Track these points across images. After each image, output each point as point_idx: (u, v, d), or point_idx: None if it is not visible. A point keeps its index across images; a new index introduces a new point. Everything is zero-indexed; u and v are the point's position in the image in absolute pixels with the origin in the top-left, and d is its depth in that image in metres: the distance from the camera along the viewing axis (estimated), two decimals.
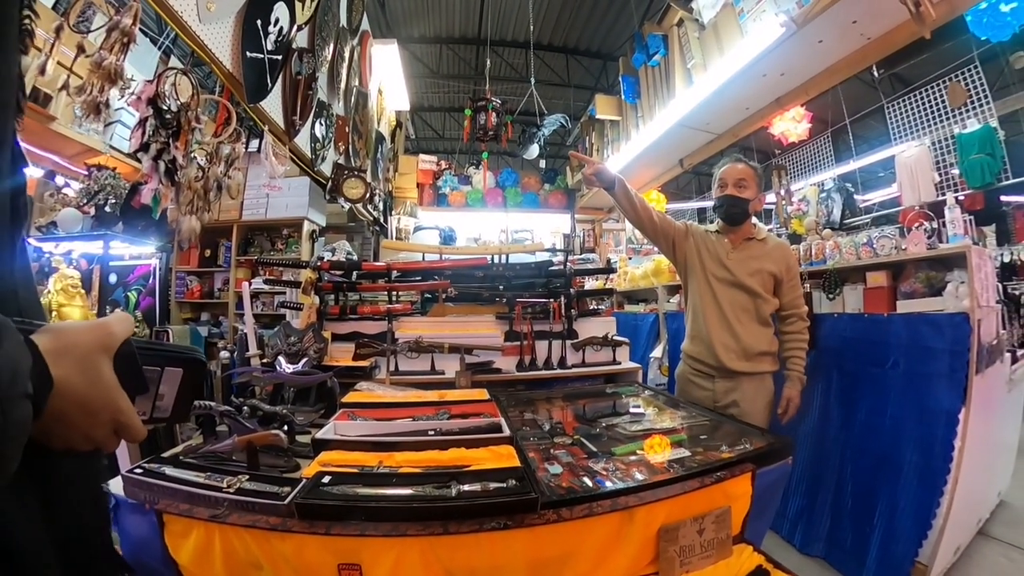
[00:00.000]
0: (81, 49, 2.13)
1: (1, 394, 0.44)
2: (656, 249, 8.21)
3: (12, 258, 0.63)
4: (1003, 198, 8.13)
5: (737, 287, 2.47)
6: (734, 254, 2.52)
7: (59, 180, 4.47)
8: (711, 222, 3.01)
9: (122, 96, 2.27)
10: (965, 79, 4.64)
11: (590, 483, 1.28)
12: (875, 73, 5.77)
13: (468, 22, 9.25)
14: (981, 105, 4.62)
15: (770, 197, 5.62)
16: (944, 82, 4.81)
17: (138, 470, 1.25)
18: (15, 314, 0.53)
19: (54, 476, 0.61)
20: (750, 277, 2.46)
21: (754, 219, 2.62)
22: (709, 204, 10.41)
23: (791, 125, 5.25)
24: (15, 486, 0.54)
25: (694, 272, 2.58)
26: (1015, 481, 3.29)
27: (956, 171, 4.86)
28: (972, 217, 2.84)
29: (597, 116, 7.08)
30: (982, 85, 4.57)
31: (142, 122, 2.28)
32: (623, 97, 6.46)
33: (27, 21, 0.64)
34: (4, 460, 0.45)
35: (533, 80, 7.14)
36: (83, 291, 4.01)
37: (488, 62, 7.25)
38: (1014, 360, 2.92)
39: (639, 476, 1.34)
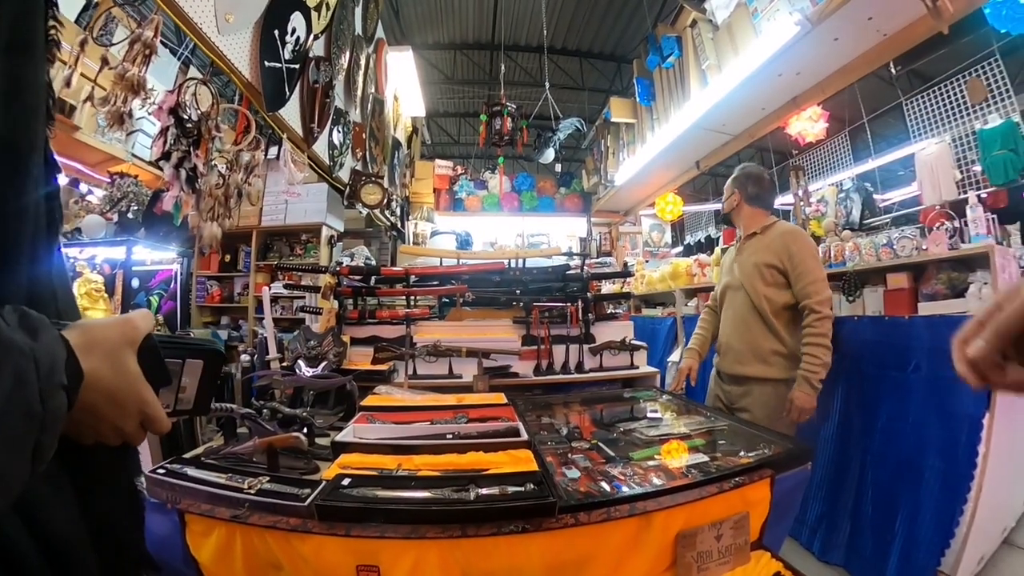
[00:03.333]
0: (105, 61, 2.18)
1: (41, 384, 0.46)
2: (673, 252, 8.19)
3: (50, 262, 0.65)
4: None
5: (737, 289, 2.56)
6: (739, 257, 2.62)
7: (83, 187, 4.57)
8: (728, 225, 3.21)
9: (144, 106, 2.32)
10: (985, 73, 4.57)
11: (608, 488, 1.28)
12: (892, 70, 5.70)
13: (482, 28, 9.29)
14: (1003, 100, 4.55)
15: (788, 198, 5.56)
16: (964, 77, 4.74)
17: (160, 470, 1.27)
18: (54, 315, 0.55)
19: (88, 467, 0.63)
20: (747, 276, 2.51)
21: (770, 216, 2.67)
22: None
23: (808, 125, 5.20)
24: (50, 475, 0.55)
25: (719, 286, 2.81)
26: None
27: (978, 168, 4.79)
28: (995, 215, 2.79)
29: (612, 119, 7.07)
30: (1003, 79, 4.50)
31: (163, 131, 2.32)
32: (638, 100, 6.44)
33: (52, 31, 0.66)
34: (42, 449, 0.47)
35: (547, 84, 7.15)
36: (106, 295, 4.08)
37: (502, 67, 7.28)
38: None
39: (657, 481, 1.33)
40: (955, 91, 4.86)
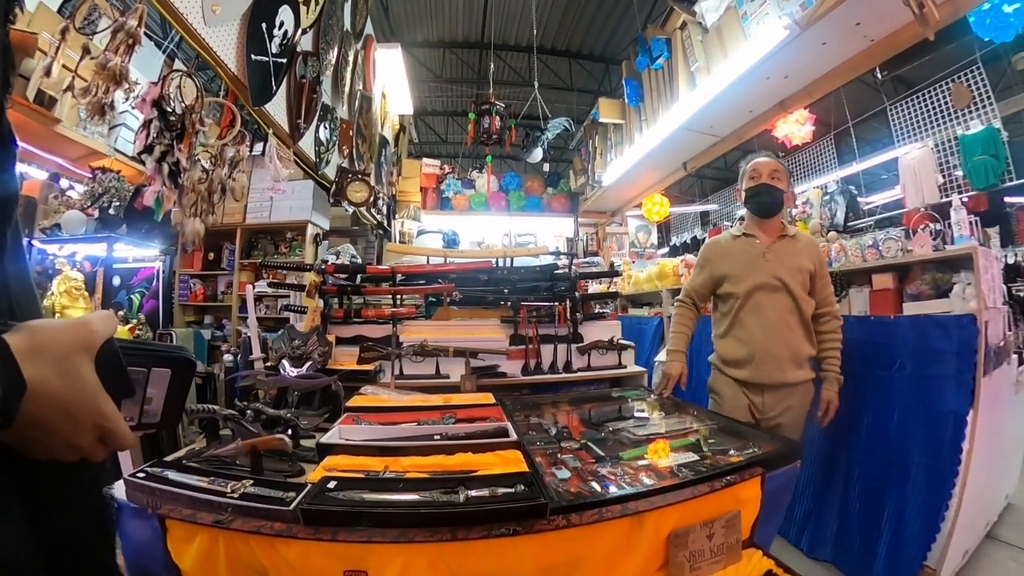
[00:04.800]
0: (86, 51, 2.13)
1: None
2: (660, 253, 8.22)
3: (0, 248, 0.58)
4: (1007, 199, 8.08)
5: (781, 291, 2.35)
6: (771, 254, 2.41)
7: (63, 183, 4.47)
8: (712, 227, 3.03)
9: (127, 99, 2.27)
10: (968, 81, 4.63)
11: (598, 488, 1.27)
12: (878, 75, 5.77)
13: (471, 26, 9.26)
14: (984, 106, 4.62)
15: None
16: (947, 83, 4.81)
17: (140, 474, 1.24)
18: (6, 310, 0.50)
19: (43, 481, 0.57)
20: (791, 278, 2.35)
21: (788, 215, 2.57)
22: (712, 208, 10.43)
23: (794, 128, 5.25)
24: None
25: (732, 284, 2.45)
26: (1022, 483, 3.27)
27: (959, 173, 4.85)
28: (978, 218, 2.83)
29: (600, 120, 7.08)
30: (985, 86, 4.57)
31: (146, 124, 2.28)
32: (626, 100, 6.45)
33: None
34: None
35: (536, 84, 7.14)
36: (87, 294, 4.00)
37: (491, 66, 7.26)
38: (1020, 362, 2.90)
39: (647, 481, 1.32)
40: (938, 97, 4.93)
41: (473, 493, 1.12)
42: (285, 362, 2.19)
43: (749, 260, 2.43)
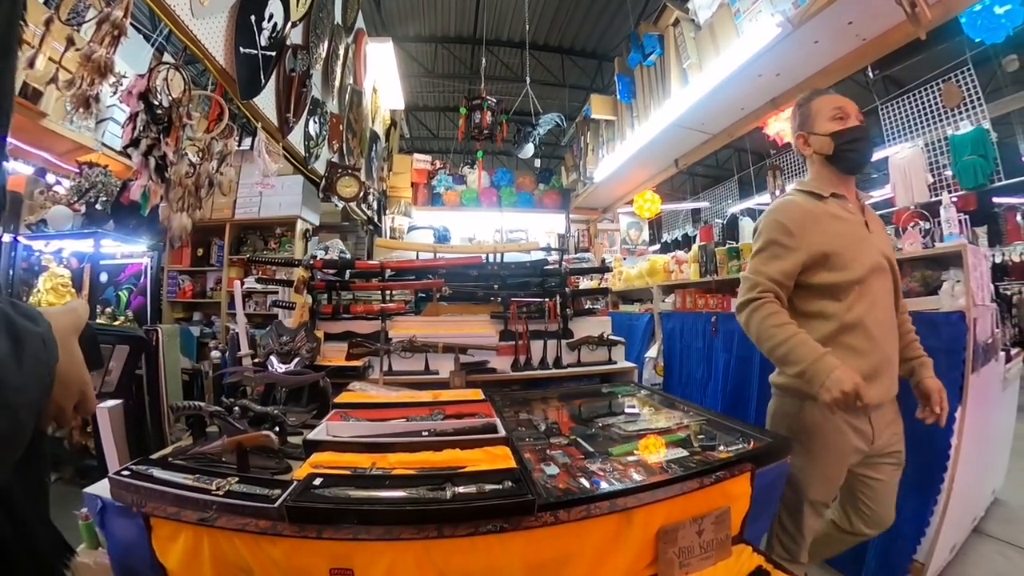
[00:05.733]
0: (71, 42, 2.09)
1: (49, 362, 0.55)
2: (651, 250, 8.23)
3: None
4: (995, 199, 8.17)
5: (888, 274, 1.78)
6: (871, 224, 1.82)
7: (50, 178, 4.42)
8: (704, 224, 2.75)
9: (115, 92, 2.24)
10: (958, 81, 4.66)
11: (587, 484, 1.27)
12: (870, 75, 5.80)
13: (464, 21, 9.23)
14: (974, 107, 4.65)
15: (765, 198, 5.62)
16: (938, 83, 4.84)
17: (125, 472, 1.22)
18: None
19: None
20: (891, 253, 1.82)
21: None
22: (703, 205, 10.46)
23: (786, 125, 5.24)
24: None
25: (839, 267, 1.71)
26: (1009, 479, 3.30)
27: (949, 172, 4.89)
28: (967, 217, 2.84)
29: (592, 116, 7.08)
30: (975, 87, 4.60)
31: (132, 117, 2.25)
32: (618, 97, 6.45)
33: None
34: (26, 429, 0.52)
35: (528, 80, 7.12)
36: (73, 290, 3.97)
37: (483, 61, 7.23)
38: (1007, 359, 2.93)
39: (637, 477, 1.32)
40: (929, 97, 4.96)
41: (460, 490, 1.11)
42: (273, 358, 2.17)
43: (854, 230, 1.77)
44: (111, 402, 1.63)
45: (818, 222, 1.73)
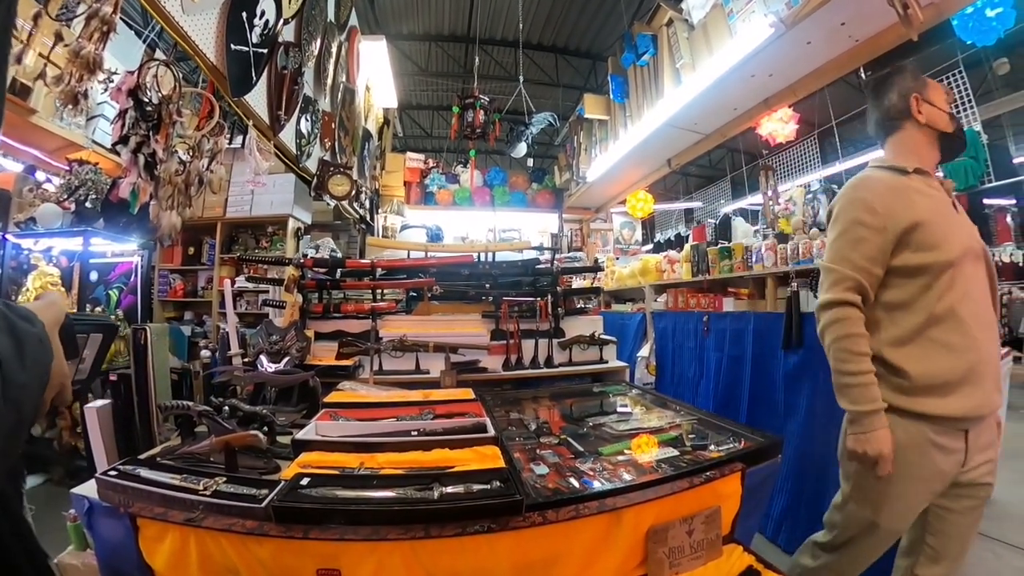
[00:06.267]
0: (59, 37, 2.07)
1: (47, 360, 0.58)
2: (644, 249, 8.23)
3: None
4: (986, 201, 8.24)
5: (982, 263, 1.56)
6: (959, 210, 1.61)
7: (39, 175, 4.38)
8: (696, 224, 2.66)
9: (105, 89, 2.22)
10: (950, 83, 4.68)
11: (577, 484, 1.26)
12: (862, 76, 5.82)
13: (458, 20, 9.21)
14: (965, 109, 4.67)
15: (757, 198, 5.64)
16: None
17: (112, 472, 1.21)
18: None
19: None
20: (983, 244, 1.60)
21: None
22: (696, 205, 10.47)
23: (778, 126, 5.26)
24: None
25: (929, 246, 1.48)
26: (1000, 478, 3.32)
27: (940, 174, 4.91)
28: None
29: (585, 115, 7.07)
30: (966, 89, 4.62)
31: (122, 114, 2.23)
32: (611, 97, 6.44)
33: None
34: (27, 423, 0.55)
35: (522, 79, 7.12)
36: (63, 289, 3.93)
37: (477, 60, 7.23)
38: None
39: (627, 476, 1.32)
40: None
41: (448, 490, 1.11)
42: (263, 358, 2.16)
43: (943, 208, 1.55)
44: (99, 402, 1.62)
45: (905, 197, 1.52)
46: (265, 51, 3.05)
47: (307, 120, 4.08)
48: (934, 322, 1.45)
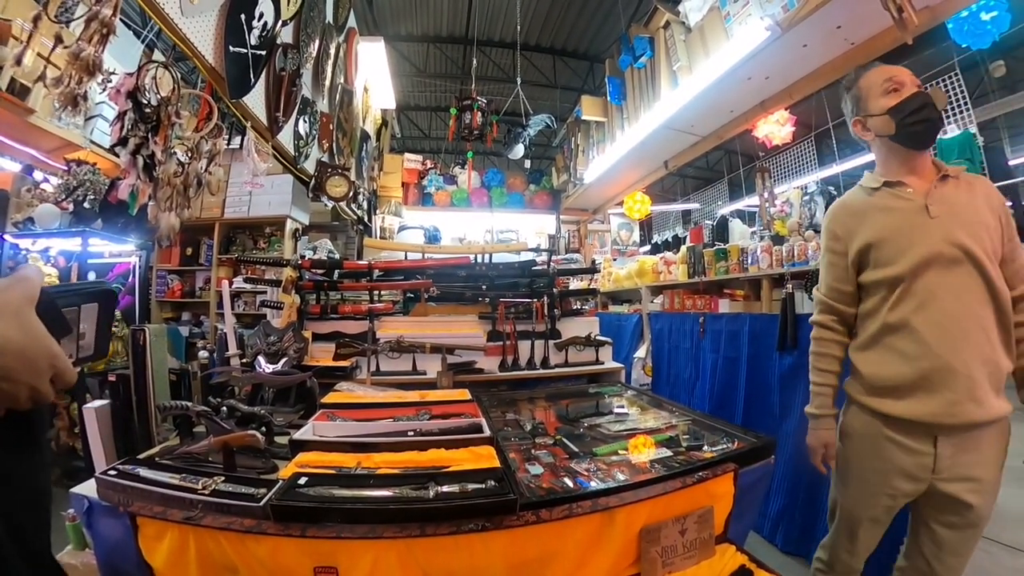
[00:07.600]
0: (59, 39, 2.08)
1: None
2: (641, 251, 8.26)
3: None
4: None
5: (963, 264, 1.50)
6: (938, 207, 1.54)
7: (37, 175, 4.38)
8: (694, 225, 2.72)
9: (103, 90, 2.22)
10: (945, 86, 4.71)
11: (571, 484, 1.28)
12: None
13: (456, 21, 9.22)
14: (961, 112, 4.69)
15: (753, 199, 5.67)
16: (925, 88, 4.89)
17: (112, 472, 1.23)
18: None
19: None
20: (976, 243, 1.50)
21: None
22: (694, 207, 10.50)
23: (775, 128, 5.28)
24: None
25: (882, 262, 1.58)
26: None
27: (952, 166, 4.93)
28: None
29: (583, 117, 7.09)
30: (962, 92, 4.64)
31: (121, 116, 2.23)
32: (609, 98, 6.46)
33: None
34: None
35: (519, 80, 7.13)
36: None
37: (475, 62, 7.23)
38: None
39: (621, 476, 1.34)
40: None
41: (443, 489, 1.13)
42: (261, 358, 2.17)
43: (905, 220, 1.57)
44: (98, 402, 1.63)
45: (863, 219, 1.64)
46: (263, 53, 3.06)
47: (305, 121, 4.09)
48: (888, 331, 1.57)
